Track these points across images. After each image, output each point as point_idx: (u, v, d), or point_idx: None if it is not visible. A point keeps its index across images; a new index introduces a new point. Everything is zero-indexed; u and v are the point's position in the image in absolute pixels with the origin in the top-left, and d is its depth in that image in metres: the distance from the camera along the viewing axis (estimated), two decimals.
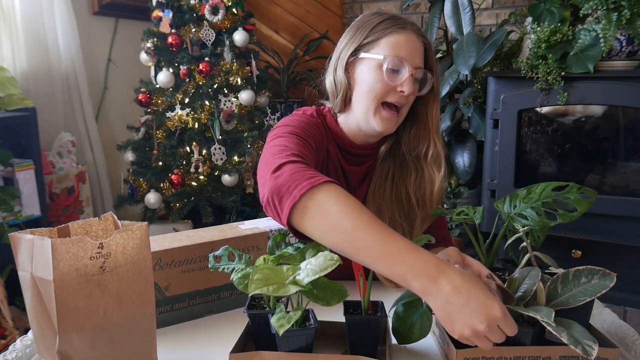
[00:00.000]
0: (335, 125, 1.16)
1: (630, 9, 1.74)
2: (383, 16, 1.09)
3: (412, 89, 1.05)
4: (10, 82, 2.02)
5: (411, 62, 1.05)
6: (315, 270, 0.71)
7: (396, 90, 1.06)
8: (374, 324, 0.79)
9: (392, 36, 1.06)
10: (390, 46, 1.05)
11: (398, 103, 1.07)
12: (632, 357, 0.83)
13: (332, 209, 0.79)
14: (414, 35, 1.07)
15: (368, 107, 1.08)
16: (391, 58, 1.04)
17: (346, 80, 1.10)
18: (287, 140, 0.98)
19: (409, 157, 1.16)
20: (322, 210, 0.79)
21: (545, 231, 0.91)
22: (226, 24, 2.64)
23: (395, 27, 1.07)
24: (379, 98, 1.06)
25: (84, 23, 2.70)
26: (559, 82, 1.88)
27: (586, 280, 0.78)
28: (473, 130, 2.34)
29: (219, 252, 0.87)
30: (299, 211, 0.81)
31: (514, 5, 2.77)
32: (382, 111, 1.07)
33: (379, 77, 1.05)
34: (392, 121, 1.08)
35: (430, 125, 1.14)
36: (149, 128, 2.63)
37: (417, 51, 1.07)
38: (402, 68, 1.05)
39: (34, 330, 0.74)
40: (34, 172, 2.07)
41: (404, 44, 1.05)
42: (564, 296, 0.79)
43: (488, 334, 0.70)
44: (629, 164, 2.00)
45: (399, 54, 1.05)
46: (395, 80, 1.05)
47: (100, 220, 0.80)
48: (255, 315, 0.80)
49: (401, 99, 1.06)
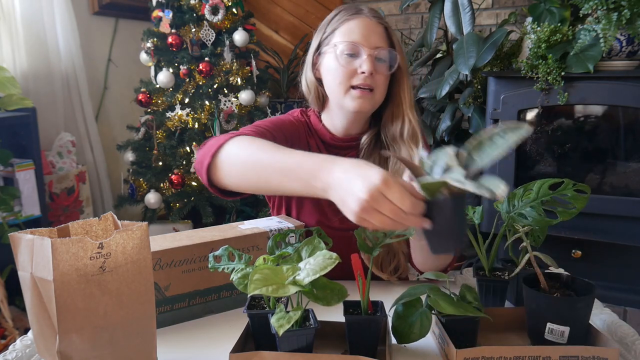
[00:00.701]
0: (317, 122, 1.21)
1: (630, 9, 1.74)
2: (339, 9, 1.15)
3: (371, 67, 1.08)
4: (10, 82, 2.02)
5: (367, 44, 1.08)
6: (315, 269, 0.71)
7: (357, 73, 1.09)
8: (374, 324, 0.79)
9: (345, 24, 1.11)
10: (344, 34, 1.11)
11: (364, 85, 1.09)
12: (632, 357, 0.83)
13: (240, 153, 0.89)
14: (368, 19, 1.11)
15: (338, 92, 1.12)
16: (345, 43, 1.09)
17: (314, 78, 1.17)
18: (241, 129, 1.04)
19: (388, 141, 1.17)
20: (231, 159, 0.90)
21: (545, 231, 0.91)
22: (226, 24, 2.64)
23: (348, 15, 1.12)
24: (344, 83, 1.10)
25: (84, 23, 2.70)
26: (559, 82, 1.88)
27: (501, 138, 0.67)
28: (473, 130, 2.34)
29: (219, 252, 0.87)
30: (214, 169, 0.92)
31: (514, 5, 2.77)
32: (351, 91, 1.10)
33: (338, 65, 1.10)
34: (365, 98, 1.10)
35: (402, 102, 1.15)
36: (149, 128, 2.63)
37: (374, 32, 1.10)
38: (358, 51, 1.09)
39: (34, 330, 0.74)
40: (34, 172, 2.07)
41: (356, 29, 1.10)
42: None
43: (376, 206, 0.68)
44: (629, 164, 2.00)
45: (352, 39, 1.09)
46: (354, 64, 1.09)
47: (100, 220, 0.80)
48: (255, 315, 0.80)
49: (365, 79, 1.08)
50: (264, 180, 0.86)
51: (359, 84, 1.09)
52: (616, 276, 2.03)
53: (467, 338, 0.81)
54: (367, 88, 1.09)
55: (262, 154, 0.87)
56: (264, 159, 0.86)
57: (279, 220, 1.13)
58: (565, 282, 0.86)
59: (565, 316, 0.78)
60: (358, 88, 1.09)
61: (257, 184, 0.88)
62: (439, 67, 2.49)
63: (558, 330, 0.78)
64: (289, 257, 0.81)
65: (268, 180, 0.85)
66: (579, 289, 0.84)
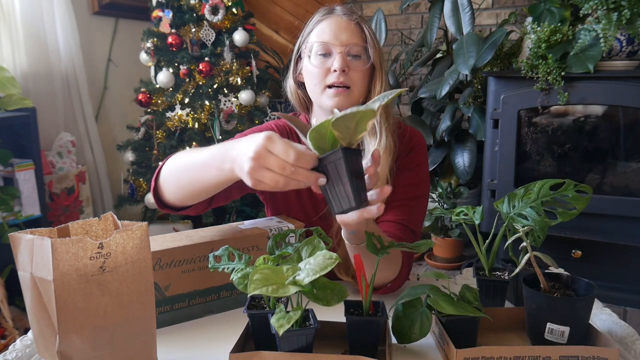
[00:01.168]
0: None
1: (630, 9, 1.74)
2: (315, 13, 1.15)
3: (342, 64, 1.07)
4: (10, 82, 2.02)
5: (338, 42, 1.09)
6: (315, 269, 0.71)
7: (331, 71, 1.09)
8: (375, 325, 0.79)
9: (318, 25, 1.12)
10: (317, 35, 1.11)
11: (338, 83, 1.09)
12: (632, 357, 0.83)
13: (170, 167, 0.96)
14: (339, 17, 1.11)
15: (316, 93, 1.13)
16: (317, 44, 1.10)
17: (294, 83, 1.20)
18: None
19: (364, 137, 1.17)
20: (166, 175, 0.96)
21: (545, 231, 0.91)
22: (226, 24, 2.64)
23: (321, 16, 1.13)
24: (320, 84, 1.11)
25: (84, 23, 2.70)
26: (559, 82, 1.88)
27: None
28: (473, 130, 2.34)
29: (218, 252, 0.87)
30: (159, 191, 0.99)
31: (514, 5, 2.77)
32: (327, 90, 1.11)
33: (312, 66, 1.11)
34: (341, 96, 1.10)
35: (371, 97, 1.13)
36: (149, 128, 2.63)
37: (346, 30, 1.10)
38: (329, 50, 1.10)
39: (34, 330, 0.74)
40: (33, 172, 2.07)
41: (327, 28, 1.10)
42: None
43: (264, 162, 0.70)
44: (629, 164, 2.00)
45: (323, 39, 1.10)
46: (327, 64, 1.09)
47: (100, 220, 0.80)
48: (255, 315, 0.80)
49: (339, 77, 1.08)
50: (193, 182, 0.91)
51: (333, 82, 1.09)
52: (616, 276, 2.03)
53: (467, 338, 0.81)
54: (342, 86, 1.09)
55: (185, 160, 0.93)
56: (187, 163, 0.92)
57: (279, 220, 1.13)
58: (565, 282, 0.86)
59: (565, 316, 0.78)
60: (333, 87, 1.09)
61: (190, 188, 0.93)
62: (439, 67, 2.49)
63: (558, 330, 0.78)
64: (289, 257, 0.81)
65: (195, 180, 0.90)
66: (579, 289, 0.84)
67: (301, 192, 1.19)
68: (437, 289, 0.81)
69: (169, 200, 0.99)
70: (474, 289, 0.83)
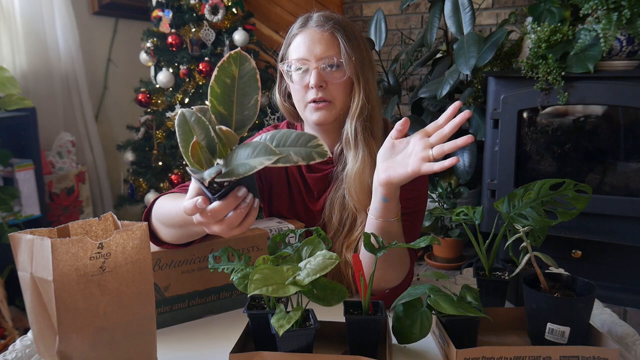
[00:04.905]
0: None
1: (630, 9, 1.74)
2: (294, 23, 1.13)
3: (318, 81, 1.05)
4: (10, 82, 2.02)
5: (312, 56, 1.06)
6: (315, 269, 0.71)
7: (309, 87, 1.08)
8: (374, 325, 0.79)
9: (294, 40, 1.10)
10: (293, 51, 1.10)
11: (318, 98, 1.07)
12: (632, 357, 0.83)
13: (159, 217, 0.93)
14: (313, 29, 1.08)
15: (300, 108, 1.13)
16: (294, 62, 1.09)
17: (279, 95, 1.18)
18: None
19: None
20: (156, 224, 0.94)
21: (545, 231, 0.91)
22: (226, 24, 2.64)
23: (297, 29, 1.11)
24: (302, 100, 1.10)
25: (84, 23, 2.69)
26: (559, 82, 1.88)
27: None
28: (473, 130, 2.34)
29: (218, 253, 0.87)
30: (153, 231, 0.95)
31: (514, 5, 2.77)
32: (309, 105, 1.09)
33: (293, 84, 1.10)
34: (323, 110, 1.08)
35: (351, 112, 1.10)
36: (149, 128, 2.63)
37: (319, 42, 1.07)
38: (306, 65, 1.08)
39: (34, 331, 0.74)
40: (33, 172, 2.07)
41: (302, 43, 1.08)
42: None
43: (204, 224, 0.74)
44: (629, 164, 2.00)
45: (299, 54, 1.08)
46: (306, 80, 1.08)
47: (100, 220, 0.80)
48: (255, 316, 0.80)
49: (317, 93, 1.07)
50: (183, 235, 0.92)
51: (313, 98, 1.07)
52: (616, 276, 2.03)
53: (467, 338, 0.81)
54: (322, 101, 1.07)
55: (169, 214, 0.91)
56: (171, 219, 0.90)
57: (279, 220, 1.13)
58: (565, 282, 0.86)
59: (565, 316, 0.78)
60: (314, 102, 1.08)
61: (183, 239, 0.93)
62: (439, 67, 2.49)
63: (558, 330, 0.78)
64: (289, 257, 0.81)
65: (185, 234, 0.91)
66: (579, 289, 0.84)
67: (294, 193, 1.19)
68: (437, 289, 0.81)
69: (166, 242, 0.96)
70: (474, 289, 0.83)
